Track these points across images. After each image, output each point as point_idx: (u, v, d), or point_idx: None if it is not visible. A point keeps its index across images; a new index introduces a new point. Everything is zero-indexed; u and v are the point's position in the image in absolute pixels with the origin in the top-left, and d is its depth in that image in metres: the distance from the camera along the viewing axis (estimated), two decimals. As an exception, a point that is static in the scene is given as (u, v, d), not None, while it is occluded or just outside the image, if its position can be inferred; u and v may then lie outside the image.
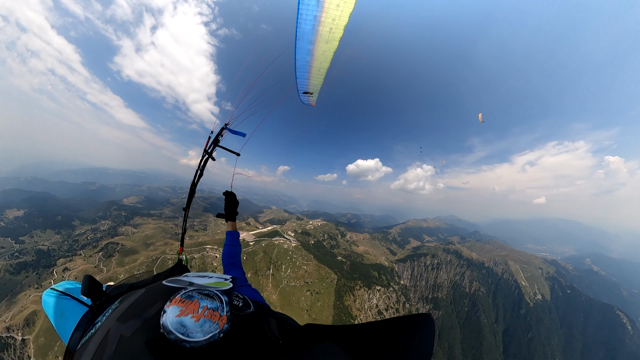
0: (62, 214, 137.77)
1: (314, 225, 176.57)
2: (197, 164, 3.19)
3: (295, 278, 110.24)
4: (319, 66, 5.44)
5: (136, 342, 0.50)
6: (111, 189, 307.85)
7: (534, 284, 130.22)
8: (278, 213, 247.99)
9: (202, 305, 0.51)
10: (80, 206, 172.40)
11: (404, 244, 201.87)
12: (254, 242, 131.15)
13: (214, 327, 0.51)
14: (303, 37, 4.66)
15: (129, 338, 0.49)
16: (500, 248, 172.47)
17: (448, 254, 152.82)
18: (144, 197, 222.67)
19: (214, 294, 0.51)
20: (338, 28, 4.55)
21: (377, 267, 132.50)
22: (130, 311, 0.51)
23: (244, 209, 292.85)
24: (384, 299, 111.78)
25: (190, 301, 0.50)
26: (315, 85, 6.09)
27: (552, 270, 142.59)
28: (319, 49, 4.99)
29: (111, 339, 0.50)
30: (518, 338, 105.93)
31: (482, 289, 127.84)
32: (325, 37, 4.72)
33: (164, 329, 0.49)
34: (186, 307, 0.50)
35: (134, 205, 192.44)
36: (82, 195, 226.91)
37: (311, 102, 6.80)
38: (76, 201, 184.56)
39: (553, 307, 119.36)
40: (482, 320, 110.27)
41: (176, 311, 0.50)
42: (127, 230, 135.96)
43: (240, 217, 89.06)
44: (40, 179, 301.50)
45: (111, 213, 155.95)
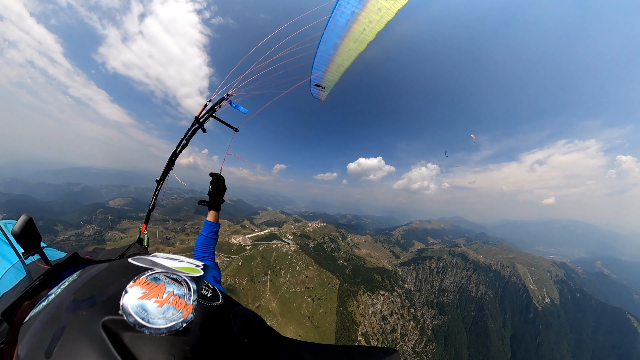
0: (44, 218, 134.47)
1: (314, 228, 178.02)
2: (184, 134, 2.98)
3: (295, 284, 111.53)
4: (339, 63, 5.62)
5: (92, 320, 0.47)
6: (96, 190, 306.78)
7: (543, 288, 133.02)
8: (274, 214, 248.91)
9: (168, 290, 0.48)
10: (63, 209, 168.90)
11: (408, 247, 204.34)
12: (251, 246, 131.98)
13: (177, 316, 0.48)
14: (334, 29, 4.76)
15: (84, 316, 0.47)
16: (508, 250, 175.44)
17: (454, 257, 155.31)
18: (132, 199, 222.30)
19: (182, 279, 0.49)
20: (372, 31, 4.71)
21: (380, 270, 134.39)
22: (89, 286, 0.48)
23: (238, 210, 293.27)
24: (388, 304, 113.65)
25: (155, 284, 0.48)
26: (330, 80, 6.31)
27: (561, 273, 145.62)
28: (345, 46, 5.13)
29: (65, 314, 0.47)
30: (526, 343, 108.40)
31: (489, 292, 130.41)
32: (356, 37, 4.85)
33: (123, 310, 0.47)
34: (150, 290, 0.47)
35: (120, 207, 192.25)
36: (65, 198, 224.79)
37: (321, 96, 6.99)
38: (59, 204, 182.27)
39: (562, 311, 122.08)
40: (489, 325, 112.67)
41: (139, 293, 0.47)
42: (115, 235, 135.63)
43: (234, 219, 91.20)
44: (19, 180, 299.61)
45: (97, 216, 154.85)
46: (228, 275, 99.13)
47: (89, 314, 0.46)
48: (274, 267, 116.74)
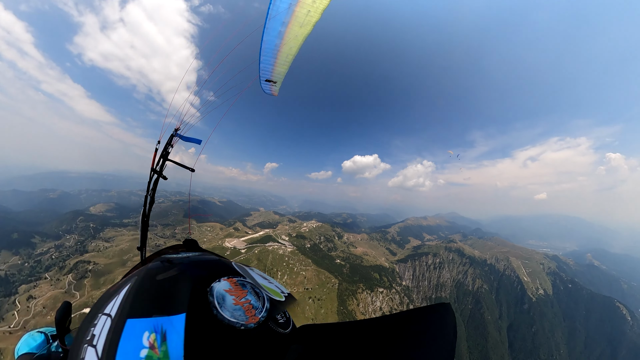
0: (19, 230, 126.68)
1: (309, 227, 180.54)
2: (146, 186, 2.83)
3: (294, 285, 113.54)
4: (287, 52, 5.46)
5: (192, 281, 0.61)
6: (74, 196, 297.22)
7: (536, 279, 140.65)
8: (267, 215, 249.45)
9: (248, 297, 0.60)
10: (39, 219, 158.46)
11: (404, 244, 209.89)
12: (246, 249, 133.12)
13: (242, 318, 0.60)
14: (276, 16, 4.62)
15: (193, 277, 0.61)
16: (502, 245, 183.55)
17: (450, 253, 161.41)
18: (114, 205, 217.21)
19: (263, 296, 0.60)
20: (316, 11, 4.58)
21: (378, 268, 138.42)
22: (202, 264, 0.64)
23: (229, 212, 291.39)
24: (387, 301, 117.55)
25: (241, 289, 0.60)
26: (280, 72, 6.10)
27: (553, 265, 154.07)
28: (291, 32, 4.95)
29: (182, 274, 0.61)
30: (522, 333, 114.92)
31: (485, 286, 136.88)
32: (301, 20, 4.73)
33: (210, 289, 0.60)
34: (235, 290, 0.60)
35: (103, 214, 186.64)
36: (41, 206, 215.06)
37: (273, 91, 6.81)
38: (34, 213, 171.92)
39: (555, 302, 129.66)
40: (486, 317, 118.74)
41: (227, 286, 0.60)
42: (99, 245, 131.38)
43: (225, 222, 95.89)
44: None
45: (77, 225, 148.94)
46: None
47: (195, 278, 0.61)
48: (272, 269, 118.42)
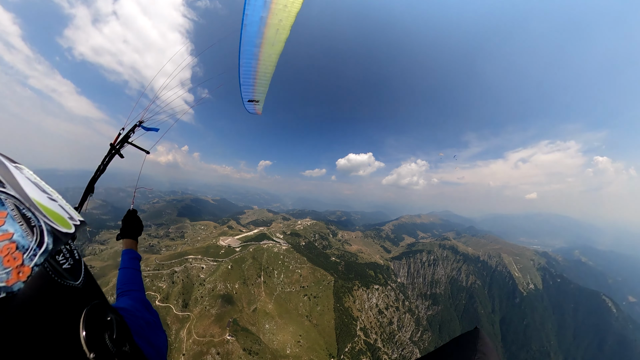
0: None
1: (303, 225, 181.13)
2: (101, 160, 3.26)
3: (290, 283, 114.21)
4: (264, 71, 5.72)
5: None
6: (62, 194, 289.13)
7: (527, 275, 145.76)
8: (261, 213, 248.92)
9: (6, 229, 0.34)
10: None
11: (398, 241, 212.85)
12: (240, 247, 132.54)
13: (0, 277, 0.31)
14: (249, 40, 4.86)
15: None
16: (494, 242, 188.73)
17: (444, 250, 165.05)
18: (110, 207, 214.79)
19: (38, 225, 0.36)
20: (284, 29, 4.81)
21: (373, 265, 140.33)
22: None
23: (223, 210, 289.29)
24: (383, 297, 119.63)
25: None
26: (261, 92, 6.34)
27: (543, 261, 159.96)
28: (265, 52, 5.24)
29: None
30: (514, 326, 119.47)
31: (478, 281, 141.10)
32: (272, 40, 4.99)
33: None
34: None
35: (99, 217, 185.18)
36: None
37: (257, 110, 6.97)
38: None
39: (545, 296, 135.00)
40: (479, 312, 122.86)
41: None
42: (95, 249, 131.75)
43: (219, 220, 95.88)
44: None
45: None
46: (217, 280, 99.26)
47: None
48: (267, 268, 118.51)
